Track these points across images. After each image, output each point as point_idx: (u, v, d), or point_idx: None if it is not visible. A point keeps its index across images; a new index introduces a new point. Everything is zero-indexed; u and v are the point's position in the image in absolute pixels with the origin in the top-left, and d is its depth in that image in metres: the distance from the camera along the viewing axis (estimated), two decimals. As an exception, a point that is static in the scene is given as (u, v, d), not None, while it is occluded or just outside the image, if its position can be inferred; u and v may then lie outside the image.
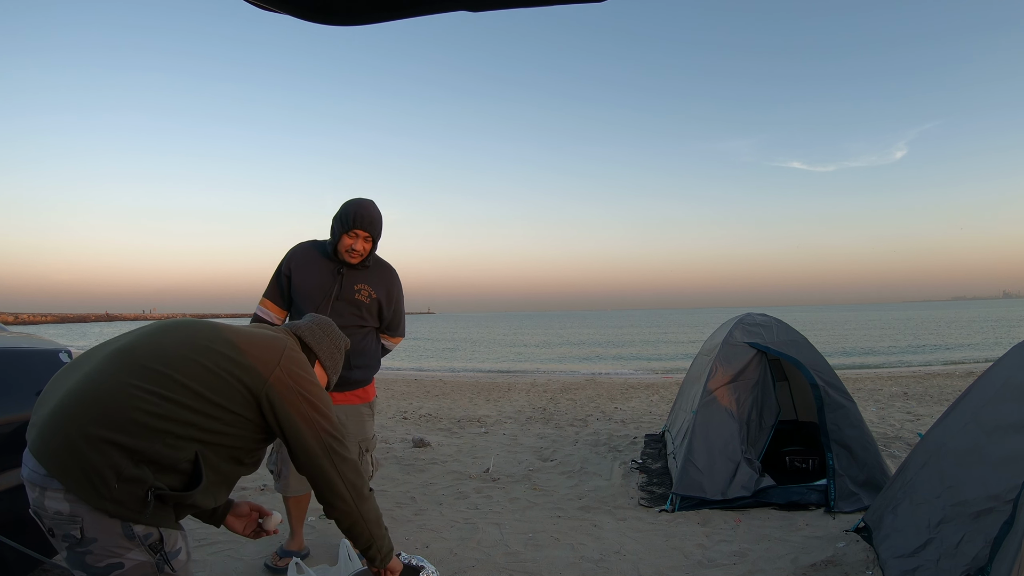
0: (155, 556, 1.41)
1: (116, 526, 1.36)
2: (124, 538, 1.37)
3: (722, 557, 3.30)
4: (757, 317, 4.84)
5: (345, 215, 2.74)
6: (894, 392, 9.70)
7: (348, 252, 2.78)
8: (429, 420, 7.90)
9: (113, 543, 1.36)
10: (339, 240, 2.77)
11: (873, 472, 3.99)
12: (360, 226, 2.74)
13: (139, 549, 1.39)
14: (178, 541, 1.48)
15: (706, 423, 4.20)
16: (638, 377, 15.60)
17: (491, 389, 11.88)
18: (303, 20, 0.88)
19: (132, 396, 1.39)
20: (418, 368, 22.81)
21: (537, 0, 0.84)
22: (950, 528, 2.47)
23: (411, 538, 3.61)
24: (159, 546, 1.42)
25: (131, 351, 1.50)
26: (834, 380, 4.28)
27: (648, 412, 8.16)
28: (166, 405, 1.41)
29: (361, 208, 2.75)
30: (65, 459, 1.33)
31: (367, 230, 2.77)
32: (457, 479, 4.95)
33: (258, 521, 1.80)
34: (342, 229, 2.74)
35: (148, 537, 1.40)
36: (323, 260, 2.86)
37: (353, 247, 2.77)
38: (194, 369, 1.47)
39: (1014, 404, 2.57)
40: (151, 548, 1.40)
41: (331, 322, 1.89)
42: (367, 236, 2.79)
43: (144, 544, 1.39)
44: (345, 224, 2.73)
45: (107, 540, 1.36)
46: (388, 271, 3.03)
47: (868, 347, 28.42)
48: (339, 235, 2.76)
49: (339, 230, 2.75)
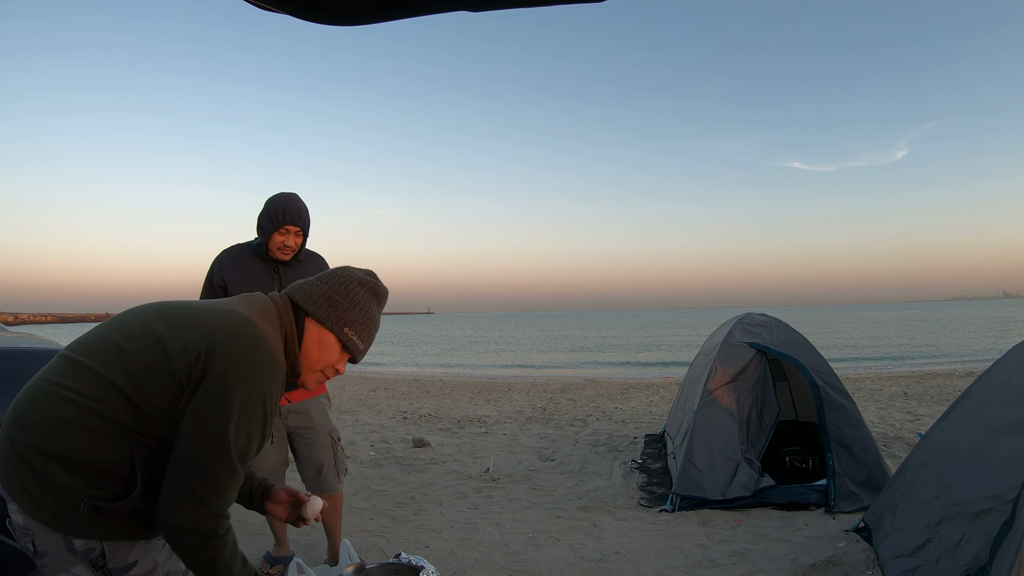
0: (97, 572, 1.26)
1: (59, 539, 1.23)
2: (67, 552, 1.24)
3: (722, 557, 3.30)
4: (757, 317, 4.84)
5: (273, 212, 2.67)
6: (894, 392, 9.70)
7: (280, 249, 2.72)
8: (429, 420, 7.90)
9: (61, 558, 1.25)
10: (269, 238, 2.70)
11: (873, 472, 3.99)
12: (290, 221, 2.68)
13: (82, 564, 1.26)
14: (130, 555, 1.28)
15: (706, 423, 4.20)
16: (638, 377, 15.60)
17: (491, 389, 11.88)
18: (303, 20, 0.88)
19: (49, 393, 1.22)
20: (418, 368, 22.82)
21: (537, 0, 0.84)
22: (950, 528, 2.47)
23: (411, 538, 3.61)
24: (100, 562, 1.25)
25: (70, 344, 1.33)
26: (834, 380, 4.28)
27: (648, 412, 8.16)
28: (84, 401, 1.20)
29: (288, 203, 2.69)
30: (6, 468, 1.22)
31: (297, 224, 2.71)
32: (457, 479, 4.95)
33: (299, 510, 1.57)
34: (272, 227, 2.68)
35: (89, 552, 1.24)
36: (256, 261, 2.79)
37: (285, 243, 2.71)
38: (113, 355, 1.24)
39: (1014, 404, 2.57)
40: (92, 564, 1.25)
41: (347, 269, 1.51)
42: (298, 231, 2.73)
43: (85, 560, 1.25)
44: (275, 221, 2.67)
45: (55, 555, 1.25)
46: (319, 261, 2.97)
47: (868, 347, 28.42)
48: (269, 233, 2.69)
49: (269, 228, 2.68)
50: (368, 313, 1.47)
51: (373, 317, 1.48)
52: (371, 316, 1.48)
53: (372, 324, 1.48)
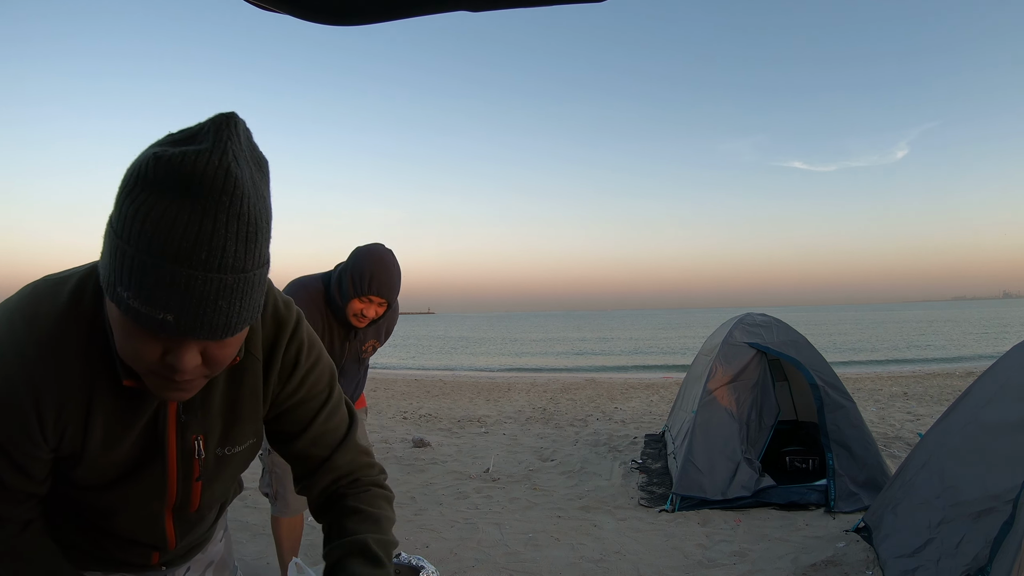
0: None
1: None
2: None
3: (722, 557, 3.30)
4: (757, 317, 4.84)
5: (360, 276, 2.26)
6: (894, 392, 9.71)
7: (357, 317, 2.34)
8: (429, 420, 7.90)
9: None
10: (349, 303, 2.31)
11: (873, 472, 4.00)
12: (377, 292, 2.28)
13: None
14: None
15: (706, 423, 4.21)
16: (638, 377, 15.60)
17: (491, 389, 11.89)
18: (303, 20, 0.88)
19: None
20: (418, 368, 22.84)
21: (537, 0, 0.84)
22: (950, 528, 2.47)
23: (411, 538, 3.62)
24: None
25: None
26: (834, 380, 4.29)
27: (648, 412, 8.16)
28: None
29: (380, 269, 2.27)
30: None
31: (385, 297, 2.31)
32: (457, 479, 4.95)
33: None
34: (354, 293, 2.27)
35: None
36: (331, 325, 2.42)
37: (364, 313, 2.33)
38: None
39: (1014, 404, 2.57)
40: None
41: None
42: (382, 302, 2.34)
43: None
44: (359, 288, 2.26)
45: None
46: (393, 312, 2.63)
47: (868, 347, 28.43)
48: (350, 298, 2.30)
49: (351, 292, 2.28)
50: (147, 237, 0.67)
51: (163, 242, 0.67)
52: (155, 242, 0.67)
53: (163, 257, 0.67)
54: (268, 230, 0.74)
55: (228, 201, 0.68)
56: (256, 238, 0.71)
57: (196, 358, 0.76)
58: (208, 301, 0.69)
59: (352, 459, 1.09)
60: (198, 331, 0.71)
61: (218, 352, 0.77)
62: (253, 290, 0.74)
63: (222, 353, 0.78)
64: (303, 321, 1.04)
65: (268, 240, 0.75)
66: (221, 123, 0.71)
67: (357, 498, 1.06)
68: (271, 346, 0.98)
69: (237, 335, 0.77)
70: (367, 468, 1.11)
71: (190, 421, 0.93)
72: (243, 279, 0.71)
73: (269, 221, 0.75)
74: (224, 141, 0.70)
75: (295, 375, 1.01)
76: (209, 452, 0.97)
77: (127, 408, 0.89)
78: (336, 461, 1.07)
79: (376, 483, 1.10)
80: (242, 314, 0.73)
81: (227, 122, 0.72)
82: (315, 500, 1.09)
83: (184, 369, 0.75)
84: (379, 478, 1.12)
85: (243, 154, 0.71)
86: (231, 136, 0.70)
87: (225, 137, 0.70)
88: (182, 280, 0.67)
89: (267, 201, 0.74)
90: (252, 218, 0.70)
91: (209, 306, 0.69)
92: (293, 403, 1.03)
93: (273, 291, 1.01)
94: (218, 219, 0.68)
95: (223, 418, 0.97)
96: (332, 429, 1.06)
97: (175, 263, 0.67)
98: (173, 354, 0.75)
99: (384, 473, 1.14)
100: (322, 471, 1.07)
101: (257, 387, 0.98)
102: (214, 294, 0.69)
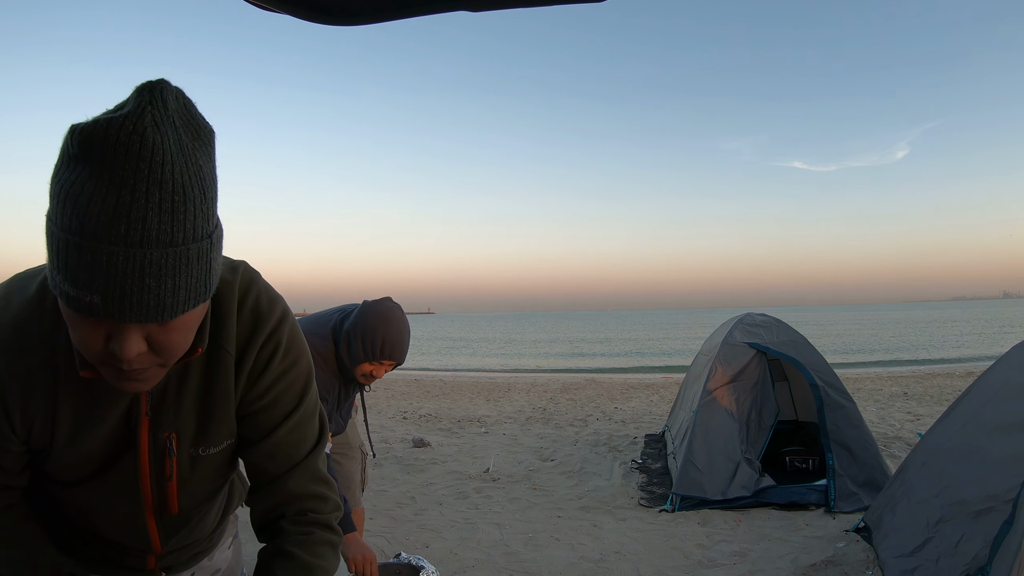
0: None
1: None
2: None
3: (722, 557, 3.30)
4: (757, 317, 4.85)
5: (372, 342, 2.14)
6: (894, 392, 9.71)
7: (364, 377, 2.25)
8: (429, 420, 7.91)
9: None
10: (358, 364, 2.20)
11: (873, 472, 4.00)
12: (390, 356, 2.18)
13: None
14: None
15: (706, 423, 4.21)
16: (638, 377, 15.61)
17: (491, 389, 11.89)
18: (303, 20, 0.88)
19: None
20: (418, 368, 22.84)
21: (537, 0, 0.84)
22: (949, 527, 2.47)
23: (411, 538, 3.62)
24: None
25: None
26: (834, 380, 4.29)
27: (648, 412, 8.16)
28: None
29: (393, 334, 2.16)
30: None
31: (396, 360, 2.22)
32: (457, 479, 4.95)
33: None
34: (365, 357, 2.16)
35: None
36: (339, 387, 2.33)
37: (374, 374, 2.23)
38: None
39: (1014, 404, 2.58)
40: None
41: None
42: (393, 365, 2.25)
43: None
44: (370, 353, 2.16)
45: None
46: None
47: (868, 347, 28.44)
48: (360, 361, 2.19)
49: (360, 356, 2.17)
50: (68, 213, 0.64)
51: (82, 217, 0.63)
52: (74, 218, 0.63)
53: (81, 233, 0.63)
54: (204, 200, 0.67)
55: (147, 169, 0.62)
56: (184, 208, 0.64)
57: (140, 344, 0.70)
58: (133, 279, 0.63)
59: (305, 486, 0.98)
60: (127, 313, 0.64)
61: (163, 338, 0.71)
62: (189, 267, 0.66)
63: (168, 339, 0.71)
64: (287, 321, 0.96)
65: (206, 212, 0.67)
66: (143, 89, 0.66)
67: (297, 540, 0.96)
68: (246, 342, 0.91)
69: (181, 319, 0.71)
70: (319, 501, 1.00)
71: (162, 419, 0.89)
72: (172, 254, 0.64)
73: (205, 191, 0.67)
74: (143, 106, 0.64)
75: (265, 377, 0.93)
76: (183, 452, 0.92)
77: (95, 402, 0.85)
78: (287, 483, 0.97)
79: (324, 523, 0.99)
80: (178, 294, 0.66)
81: (150, 87, 0.66)
82: (256, 519, 1.01)
83: (126, 357, 0.69)
84: (329, 517, 1.01)
85: (167, 119, 0.65)
86: (153, 101, 0.64)
87: (145, 102, 0.64)
88: (103, 257, 0.62)
89: (203, 170, 0.67)
90: (179, 186, 0.63)
91: (135, 285, 0.63)
92: (257, 408, 0.94)
93: (259, 284, 0.95)
94: (137, 188, 0.61)
95: (196, 417, 0.91)
96: (292, 443, 0.97)
97: (94, 239, 0.61)
98: (115, 340, 0.69)
99: (340, 510, 1.03)
100: (269, 489, 0.98)
101: (229, 385, 0.92)
102: (139, 271, 0.63)
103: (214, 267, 0.72)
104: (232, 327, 0.90)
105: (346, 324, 2.22)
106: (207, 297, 0.72)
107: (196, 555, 1.15)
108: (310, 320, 2.34)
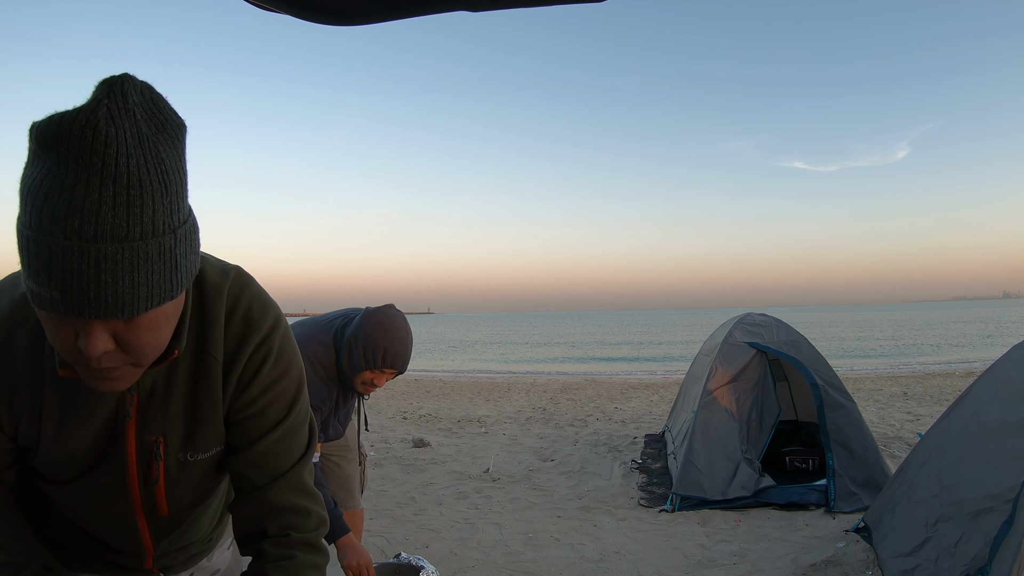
0: None
1: None
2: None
3: (722, 557, 3.30)
4: (757, 317, 4.85)
5: (374, 350, 2.09)
6: (894, 392, 9.71)
7: (364, 384, 2.19)
8: (429, 420, 7.91)
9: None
10: (359, 372, 2.15)
11: (873, 472, 4.00)
12: (392, 365, 2.12)
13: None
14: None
15: (706, 423, 4.21)
16: (638, 377, 15.61)
17: (491, 389, 11.89)
18: (303, 20, 0.88)
19: None
20: (418, 368, 22.84)
21: (537, 0, 0.84)
22: (948, 527, 2.47)
23: (411, 538, 3.62)
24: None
25: None
26: (834, 380, 4.29)
27: (648, 412, 8.16)
28: None
29: (395, 343, 2.11)
30: None
31: (398, 368, 2.16)
32: (457, 479, 4.95)
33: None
34: (366, 365, 2.11)
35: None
36: (337, 393, 2.30)
37: (375, 383, 2.18)
38: None
39: (1014, 404, 2.57)
40: None
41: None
42: (394, 374, 2.19)
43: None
44: (371, 362, 2.10)
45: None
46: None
47: (868, 347, 28.43)
48: (361, 370, 2.13)
49: (362, 365, 2.11)
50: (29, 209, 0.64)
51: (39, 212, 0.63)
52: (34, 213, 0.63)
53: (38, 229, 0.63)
54: (165, 194, 0.65)
55: (100, 162, 0.61)
56: (141, 201, 0.63)
57: (106, 342, 0.69)
58: (88, 275, 0.62)
59: (287, 499, 0.95)
60: (85, 309, 0.63)
61: (130, 336, 0.70)
62: (149, 262, 0.65)
63: (135, 337, 0.70)
64: (279, 329, 0.93)
65: (167, 206, 0.66)
66: (103, 83, 0.65)
67: (278, 566, 0.92)
68: (235, 349, 0.89)
69: (148, 317, 0.69)
70: (301, 516, 0.96)
71: (148, 422, 0.88)
72: (130, 249, 0.63)
73: (167, 184, 0.65)
74: (99, 100, 0.63)
75: (254, 386, 0.91)
76: (170, 456, 0.91)
77: (81, 402, 0.85)
78: (270, 495, 0.94)
79: (307, 543, 0.96)
80: (137, 291, 0.65)
81: (109, 82, 0.65)
82: (237, 529, 0.99)
83: (92, 355, 0.68)
84: (312, 536, 0.97)
85: (125, 112, 0.63)
86: (111, 95, 0.64)
87: (103, 95, 0.63)
88: (59, 252, 0.61)
89: (165, 163, 0.65)
90: (135, 179, 0.62)
91: (91, 280, 0.62)
92: (245, 416, 0.93)
93: (252, 290, 0.93)
94: (90, 182, 0.61)
95: (184, 421, 0.90)
96: (277, 455, 0.95)
97: (50, 234, 0.61)
98: (82, 338, 0.68)
99: (325, 525, 1.00)
100: (250, 499, 0.95)
101: (217, 391, 0.90)
102: (94, 267, 0.62)
103: (181, 263, 0.70)
104: (220, 332, 0.88)
105: (348, 331, 2.17)
106: (174, 295, 0.70)
107: (194, 556, 1.15)
108: (311, 324, 2.29)
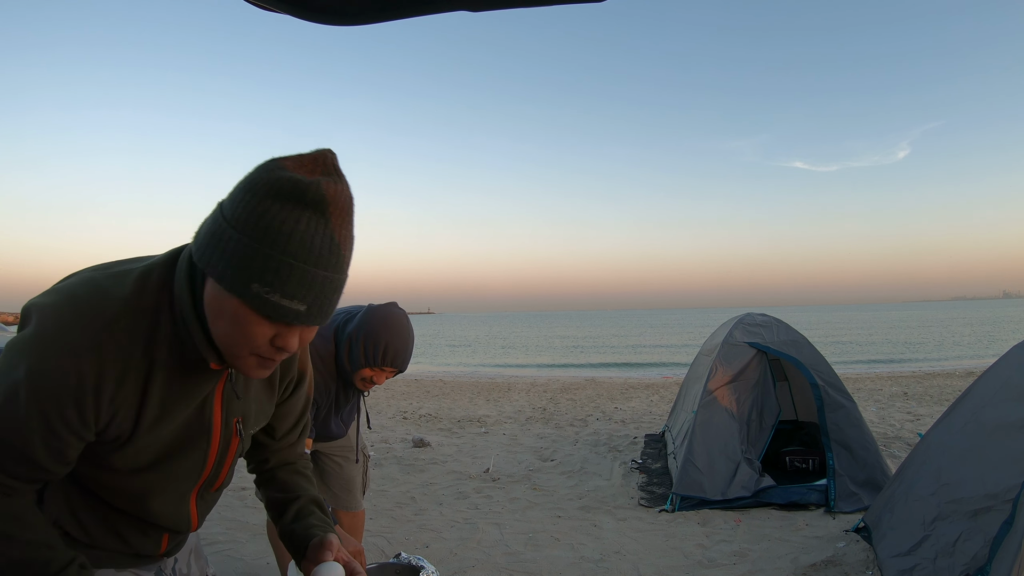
0: None
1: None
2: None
3: (722, 557, 3.30)
4: (757, 317, 4.85)
5: (375, 347, 2.07)
6: (894, 392, 9.71)
7: (365, 382, 2.17)
8: (429, 420, 7.91)
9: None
10: (359, 369, 2.13)
11: (873, 472, 4.00)
12: (392, 363, 2.10)
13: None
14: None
15: (706, 423, 4.21)
16: (638, 377, 15.60)
17: (491, 389, 11.89)
18: (303, 20, 0.89)
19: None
20: (418, 368, 22.84)
21: (537, 0, 0.84)
22: (946, 526, 2.47)
23: (411, 538, 3.62)
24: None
25: None
26: (834, 380, 4.29)
27: (648, 412, 8.16)
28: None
29: (397, 340, 2.09)
30: None
31: (399, 367, 2.14)
32: (457, 479, 4.95)
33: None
34: (366, 363, 2.09)
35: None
36: (336, 389, 2.28)
37: (375, 380, 2.16)
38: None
39: (1014, 404, 2.57)
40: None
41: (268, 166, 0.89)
42: (395, 372, 2.17)
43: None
44: (372, 359, 2.08)
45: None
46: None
47: (868, 347, 28.43)
48: (361, 367, 2.11)
49: (362, 362, 2.09)
50: (292, 244, 0.83)
51: (306, 249, 0.84)
52: (298, 248, 0.84)
53: (305, 260, 0.84)
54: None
55: (349, 220, 0.89)
56: (351, 248, 0.92)
57: (299, 340, 0.93)
58: (328, 295, 0.88)
59: (300, 452, 1.35)
60: (319, 319, 0.89)
61: (308, 336, 0.94)
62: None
63: (308, 337, 0.95)
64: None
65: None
66: (331, 157, 0.90)
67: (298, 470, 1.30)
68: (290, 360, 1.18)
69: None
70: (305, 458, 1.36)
71: (234, 404, 1.08)
72: (345, 277, 0.91)
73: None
74: (341, 172, 0.90)
75: (296, 390, 1.24)
76: (245, 433, 1.12)
77: (181, 391, 0.98)
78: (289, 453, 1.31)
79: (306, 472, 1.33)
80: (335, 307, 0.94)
81: (334, 156, 0.91)
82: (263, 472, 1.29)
83: (291, 350, 0.92)
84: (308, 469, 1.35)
85: (348, 186, 0.90)
86: (339, 168, 0.90)
87: (339, 169, 0.90)
88: (319, 279, 0.86)
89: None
90: (354, 232, 0.91)
91: (328, 298, 0.88)
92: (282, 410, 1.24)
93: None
94: (342, 233, 0.88)
95: (254, 404, 1.12)
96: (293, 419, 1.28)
97: (316, 266, 0.85)
98: (283, 338, 0.90)
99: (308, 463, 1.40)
100: (274, 453, 1.29)
101: (275, 382, 1.16)
102: (332, 289, 0.88)
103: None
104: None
105: (349, 327, 2.16)
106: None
107: (184, 535, 1.27)
108: None
